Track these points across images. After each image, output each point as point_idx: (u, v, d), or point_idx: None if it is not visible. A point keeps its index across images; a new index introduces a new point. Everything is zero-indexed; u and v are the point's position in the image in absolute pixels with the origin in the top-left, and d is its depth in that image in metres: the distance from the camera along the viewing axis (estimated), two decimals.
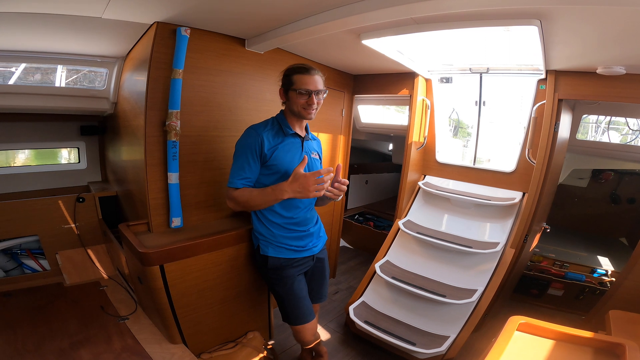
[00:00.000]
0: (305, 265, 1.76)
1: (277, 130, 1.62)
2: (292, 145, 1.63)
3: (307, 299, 1.75)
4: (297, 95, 1.54)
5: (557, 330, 1.07)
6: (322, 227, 1.86)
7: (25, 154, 2.88)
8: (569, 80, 2.13)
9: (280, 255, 1.67)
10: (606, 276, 2.88)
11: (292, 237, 1.68)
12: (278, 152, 1.57)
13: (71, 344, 1.64)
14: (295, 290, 1.70)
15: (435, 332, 2.14)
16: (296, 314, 1.72)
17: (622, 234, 3.91)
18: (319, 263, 1.83)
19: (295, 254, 1.69)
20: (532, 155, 2.35)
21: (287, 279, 1.69)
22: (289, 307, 1.72)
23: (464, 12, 1.44)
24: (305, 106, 1.55)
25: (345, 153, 3.14)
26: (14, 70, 2.25)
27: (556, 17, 1.37)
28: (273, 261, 1.67)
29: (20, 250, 2.36)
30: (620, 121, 3.31)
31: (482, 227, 2.55)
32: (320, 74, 1.60)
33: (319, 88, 1.56)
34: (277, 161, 1.57)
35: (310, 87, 1.53)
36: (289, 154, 1.60)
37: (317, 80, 1.56)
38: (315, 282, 1.85)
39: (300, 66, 1.58)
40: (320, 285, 1.88)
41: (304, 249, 1.72)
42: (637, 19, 1.25)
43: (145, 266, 1.55)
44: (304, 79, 1.54)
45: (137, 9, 1.54)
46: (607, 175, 3.94)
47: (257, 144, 1.55)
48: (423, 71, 2.63)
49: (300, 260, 1.72)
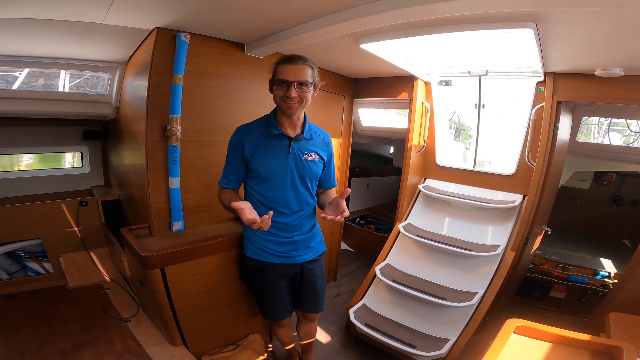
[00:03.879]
0: (286, 273, 1.67)
1: (264, 131, 1.53)
2: (277, 147, 1.52)
3: (281, 301, 1.72)
4: (277, 86, 1.43)
5: (554, 333, 1.07)
6: (315, 239, 1.72)
7: (29, 158, 2.92)
8: (567, 83, 2.13)
9: (257, 257, 1.64)
10: (609, 278, 2.86)
11: (273, 242, 1.61)
12: (259, 155, 1.50)
13: (73, 345, 1.66)
14: (271, 292, 1.69)
15: (436, 335, 2.14)
16: (266, 310, 1.78)
17: (625, 235, 3.88)
18: (309, 273, 1.70)
19: (274, 258, 1.62)
20: (531, 158, 2.34)
21: (263, 282, 1.68)
22: (261, 302, 1.79)
23: (460, 15, 1.45)
24: (284, 98, 1.42)
25: (346, 157, 3.16)
26: (18, 75, 2.29)
27: (551, 19, 1.37)
28: (249, 261, 1.66)
29: (24, 253, 2.39)
30: (622, 122, 3.29)
31: (483, 230, 2.55)
32: (308, 63, 1.44)
33: (301, 79, 1.40)
34: (258, 165, 1.51)
35: (288, 77, 1.39)
36: (272, 158, 1.51)
37: (299, 70, 1.40)
38: (304, 293, 1.74)
39: (284, 56, 1.46)
40: (310, 297, 1.75)
41: (284, 255, 1.63)
42: (633, 20, 1.26)
43: (146, 269, 1.57)
44: (284, 69, 1.42)
45: (138, 14, 1.57)
46: (609, 177, 3.92)
47: (238, 146, 1.52)
48: (422, 74, 2.64)
49: (278, 266, 1.64)
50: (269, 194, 1.55)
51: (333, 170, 1.75)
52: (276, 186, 1.54)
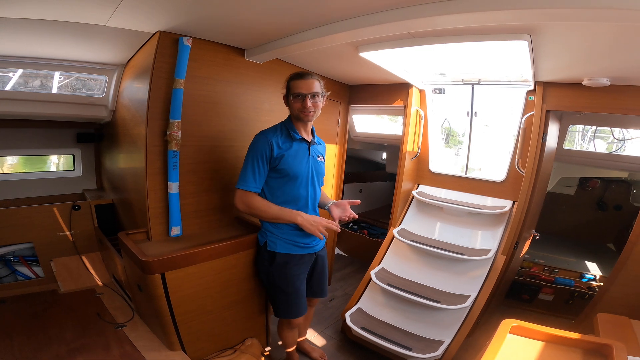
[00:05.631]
0: (308, 264, 1.84)
1: (286, 136, 1.72)
2: (300, 149, 1.72)
3: (304, 296, 1.85)
4: (293, 99, 1.67)
5: (548, 332, 1.12)
6: None
7: (20, 160, 2.86)
8: (556, 92, 2.21)
9: (288, 251, 1.75)
10: (594, 281, 2.96)
11: (300, 235, 1.75)
12: (287, 157, 1.67)
13: (69, 351, 1.63)
14: (296, 286, 1.80)
15: (431, 337, 2.18)
16: (288, 309, 1.83)
17: (610, 239, 4.02)
18: (320, 260, 1.92)
19: (301, 250, 1.78)
20: (521, 165, 2.42)
21: (291, 276, 1.77)
22: (285, 301, 1.82)
23: (458, 27, 1.51)
24: (302, 109, 1.66)
25: (341, 162, 3.19)
26: (11, 76, 2.24)
27: (545, 32, 1.44)
28: (280, 257, 1.75)
29: (14, 257, 2.33)
30: (606, 130, 3.42)
31: (474, 235, 2.61)
32: (317, 77, 1.69)
33: (313, 91, 1.65)
34: (286, 165, 1.66)
35: (302, 90, 1.64)
36: (296, 158, 1.70)
37: (311, 84, 1.65)
38: (315, 279, 1.93)
39: (296, 73, 1.70)
40: (320, 282, 1.97)
41: (309, 246, 1.80)
42: (620, 34, 1.34)
43: (146, 274, 1.56)
44: (298, 84, 1.65)
45: (142, 17, 1.57)
46: (593, 183, 4.07)
47: (267, 149, 1.65)
48: (417, 82, 2.71)
49: (304, 257, 1.80)
50: (294, 192, 1.72)
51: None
52: (302, 184, 1.73)
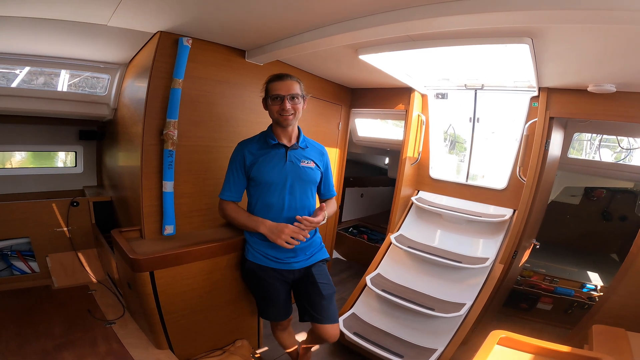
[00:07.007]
0: (284, 277, 1.70)
1: (263, 143, 1.68)
2: (275, 155, 1.66)
3: (278, 304, 1.77)
4: (272, 101, 1.60)
5: (537, 345, 1.09)
6: (315, 246, 1.76)
7: (22, 155, 2.90)
8: (560, 98, 2.17)
9: (255, 261, 1.71)
10: (595, 291, 2.91)
11: (270, 247, 1.67)
12: (259, 164, 1.63)
13: (55, 346, 1.63)
14: (269, 295, 1.75)
15: (424, 345, 2.14)
16: (265, 312, 1.83)
17: (613, 250, 3.94)
18: (311, 279, 1.70)
19: (271, 263, 1.68)
20: (522, 173, 2.38)
21: (262, 285, 1.74)
22: (260, 304, 1.84)
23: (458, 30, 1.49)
24: (280, 111, 1.58)
25: (341, 166, 3.18)
26: (18, 73, 2.29)
27: (547, 35, 1.42)
28: (250, 265, 1.73)
29: (11, 251, 2.35)
30: (613, 139, 3.35)
31: (473, 243, 2.57)
32: (295, 79, 1.62)
33: (292, 92, 1.57)
34: (258, 173, 1.63)
35: (281, 92, 1.57)
36: (270, 164, 1.64)
37: (289, 85, 1.58)
38: (314, 302, 1.69)
39: (274, 75, 1.63)
40: (320, 307, 1.68)
41: (281, 261, 1.67)
42: (626, 37, 1.30)
43: (135, 272, 1.56)
44: (276, 85, 1.59)
45: (142, 17, 1.59)
46: (599, 193, 3.99)
47: (239, 158, 1.66)
48: (419, 86, 2.69)
49: (279, 272, 1.69)
50: (268, 200, 1.65)
51: (331, 180, 1.87)
52: (275, 192, 1.64)
